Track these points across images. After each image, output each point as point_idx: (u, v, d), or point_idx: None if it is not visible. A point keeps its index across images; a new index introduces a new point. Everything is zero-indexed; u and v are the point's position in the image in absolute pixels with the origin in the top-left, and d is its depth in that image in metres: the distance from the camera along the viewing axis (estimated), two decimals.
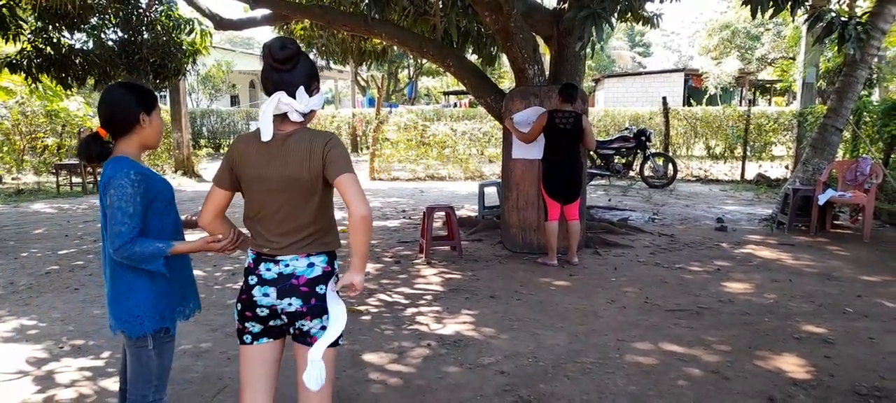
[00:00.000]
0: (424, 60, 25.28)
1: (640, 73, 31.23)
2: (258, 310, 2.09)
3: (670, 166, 12.36)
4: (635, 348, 3.91)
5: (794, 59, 21.50)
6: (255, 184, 2.07)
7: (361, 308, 4.76)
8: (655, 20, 8.73)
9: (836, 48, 10.28)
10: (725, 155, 16.08)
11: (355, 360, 3.75)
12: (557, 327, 4.30)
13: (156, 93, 2.22)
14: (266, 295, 2.07)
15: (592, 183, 12.22)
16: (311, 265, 2.08)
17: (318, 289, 2.08)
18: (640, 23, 8.90)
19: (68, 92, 11.00)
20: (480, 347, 3.94)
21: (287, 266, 2.06)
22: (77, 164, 11.86)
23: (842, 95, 7.91)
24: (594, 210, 8.69)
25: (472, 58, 9.04)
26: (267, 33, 47.90)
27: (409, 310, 4.70)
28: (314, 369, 2.02)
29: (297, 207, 2.05)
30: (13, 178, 13.70)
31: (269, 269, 2.07)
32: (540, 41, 7.56)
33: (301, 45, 10.26)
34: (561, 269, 5.88)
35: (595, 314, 4.59)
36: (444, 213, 6.61)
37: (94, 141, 2.22)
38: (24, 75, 8.01)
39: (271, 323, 2.12)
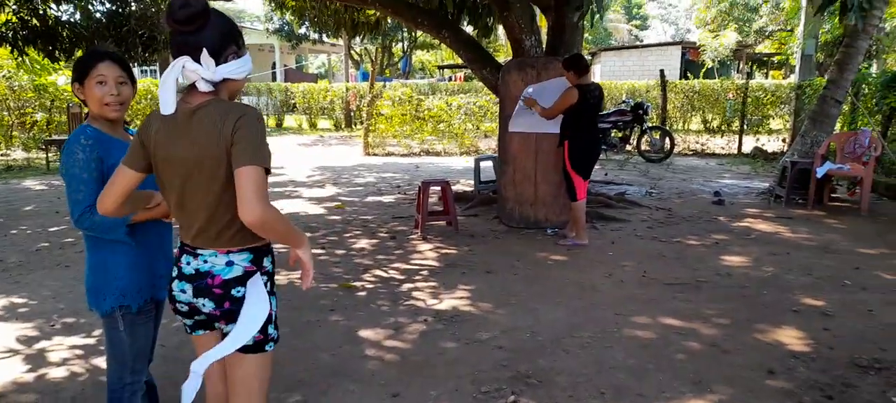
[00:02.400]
0: (419, 33, 25.02)
1: (636, 47, 31.03)
2: (178, 305, 1.86)
3: (667, 140, 12.29)
4: (634, 322, 3.87)
5: (792, 31, 21.33)
6: (161, 166, 1.78)
7: (357, 283, 4.71)
8: None
9: (837, 19, 10.17)
10: (722, 128, 16.01)
11: (351, 336, 3.71)
12: (555, 302, 4.26)
13: (98, 59, 2.08)
14: (183, 291, 1.82)
15: None
16: (230, 264, 1.78)
17: (234, 292, 1.78)
18: None
19: (56, 65, 10.81)
20: (478, 322, 3.90)
21: (205, 262, 1.78)
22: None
23: (842, 67, 7.83)
24: (591, 184, 8.62)
25: (468, 29, 8.90)
26: (258, 5, 47.22)
27: (405, 286, 4.65)
28: (190, 381, 1.82)
29: (209, 195, 1.72)
30: (2, 154, 13.53)
31: (188, 263, 1.81)
32: (537, 12, 7.43)
33: (292, 16, 10.12)
34: (558, 244, 5.83)
35: (593, 288, 4.55)
36: (439, 188, 6.54)
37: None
38: (9, 48, 7.84)
39: (197, 317, 1.88)
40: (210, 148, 1.67)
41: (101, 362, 3.37)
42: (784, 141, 13.49)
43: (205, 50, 1.69)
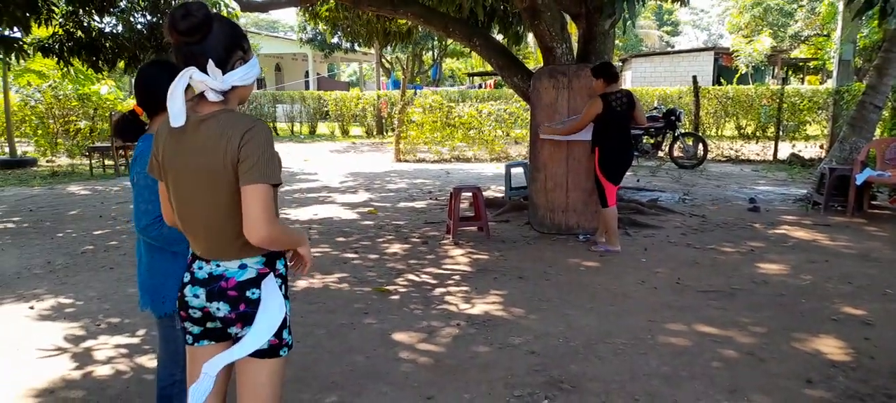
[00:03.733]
0: (449, 41, 25.14)
1: (668, 53, 30.69)
2: (191, 312, 1.82)
3: (700, 146, 12.13)
4: (667, 329, 3.85)
5: (828, 36, 20.88)
6: (169, 176, 1.78)
7: (390, 287, 4.77)
8: None
9: (875, 23, 9.94)
10: (757, 134, 15.73)
11: (385, 339, 3.76)
12: (587, 307, 4.26)
13: None
14: (196, 296, 1.79)
15: None
16: (243, 266, 1.77)
17: (249, 293, 1.76)
18: (671, 0, 8.71)
19: (99, 75, 11.17)
20: (510, 327, 3.93)
21: (218, 265, 1.77)
22: (109, 147, 12.07)
23: (881, 72, 7.66)
24: (623, 191, 8.57)
25: (498, 37, 8.94)
26: (292, 15, 48.02)
27: (438, 290, 4.70)
28: (201, 382, 1.79)
29: (216, 206, 1.71)
30: (47, 161, 14.01)
31: (200, 267, 1.79)
32: (567, 19, 7.44)
33: (325, 26, 10.29)
34: (590, 251, 5.81)
35: (625, 295, 4.53)
36: (470, 194, 6.58)
37: (130, 119, 2.24)
38: (56, 59, 8.14)
39: (209, 325, 1.84)
40: (216, 160, 1.65)
41: (144, 360, 3.48)
42: (822, 147, 13.20)
43: (210, 61, 1.67)
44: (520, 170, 8.02)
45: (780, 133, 13.69)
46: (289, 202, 8.72)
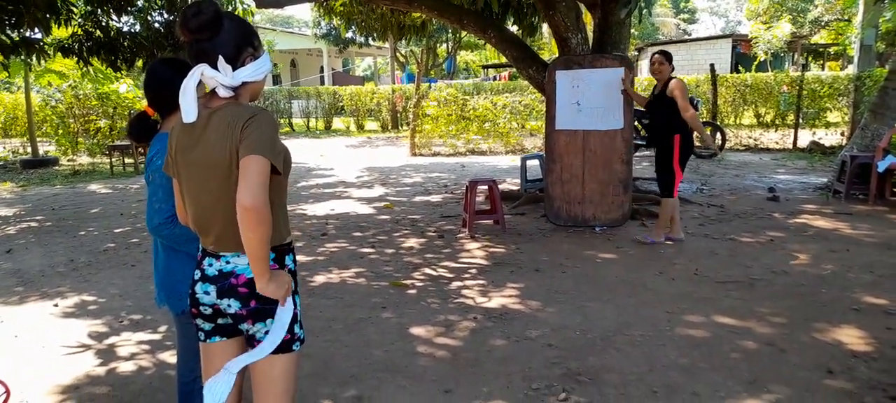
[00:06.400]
0: (464, 33, 25.07)
1: (685, 41, 30.34)
2: (202, 309, 1.84)
3: (718, 135, 11.99)
4: (686, 320, 3.83)
5: (849, 20, 20.49)
6: (181, 170, 1.80)
7: (407, 282, 4.79)
8: None
9: None
10: (776, 122, 15.51)
11: (403, 333, 3.78)
12: (605, 299, 4.25)
13: None
14: (207, 293, 1.80)
15: (637, 154, 11.97)
16: None
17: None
18: None
19: (118, 74, 11.30)
20: (527, 320, 3.93)
21: (228, 262, 1.77)
22: (129, 145, 12.22)
23: None
24: (639, 181, 8.52)
25: (513, 29, 8.91)
26: (306, 11, 48.17)
27: (455, 284, 4.71)
28: (221, 377, 1.82)
29: (225, 198, 1.71)
30: (68, 160, 14.23)
31: (210, 264, 1.80)
32: (582, 9, 7.38)
33: (339, 21, 10.30)
34: (607, 241, 5.79)
35: (643, 286, 4.51)
36: (486, 187, 6.57)
37: (141, 120, 2.25)
38: (75, 59, 8.25)
39: (220, 321, 1.85)
40: (223, 150, 1.68)
41: (166, 356, 3.54)
42: (842, 134, 13.00)
43: (221, 57, 1.71)
44: (535, 162, 7.99)
45: (800, 120, 13.50)
46: (305, 197, 8.78)
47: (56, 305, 4.51)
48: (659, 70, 5.48)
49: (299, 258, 5.34)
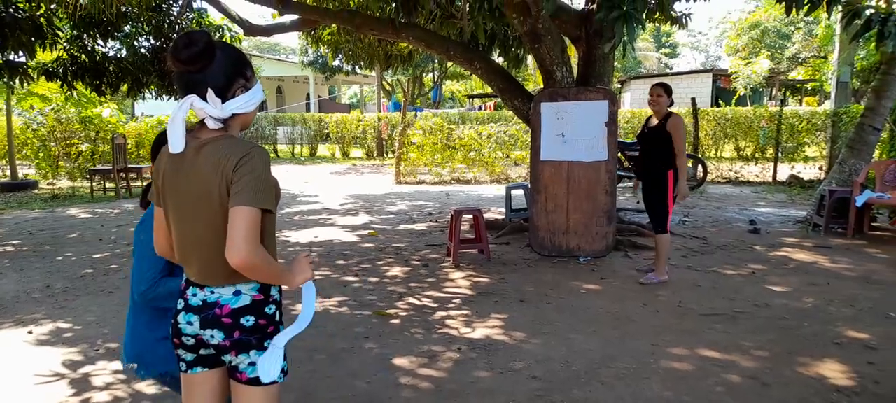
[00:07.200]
0: (450, 64, 25.32)
1: (667, 74, 30.89)
2: (184, 339, 1.81)
3: (700, 168, 12.15)
4: (670, 353, 3.83)
5: (825, 58, 21.01)
6: (168, 201, 1.77)
7: (391, 311, 4.75)
8: (684, 20, 8.60)
9: (873, 46, 10.01)
10: (756, 156, 15.77)
11: (386, 364, 3.74)
12: (589, 331, 4.24)
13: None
14: (190, 323, 1.78)
15: (620, 185, 12.07)
16: (237, 293, 1.75)
17: (243, 321, 1.75)
18: (669, 23, 8.78)
19: (102, 98, 11.25)
20: (511, 352, 3.90)
21: (212, 292, 1.76)
22: (110, 170, 12.09)
23: (879, 94, 7.71)
24: (623, 212, 8.58)
25: (499, 60, 9.01)
26: (293, 39, 48.45)
27: (439, 314, 4.68)
28: (270, 354, 1.79)
29: (212, 231, 1.70)
30: (48, 183, 14.03)
31: (194, 294, 1.78)
32: (567, 42, 7.50)
33: (327, 49, 10.37)
34: (591, 272, 5.80)
35: (628, 318, 4.51)
36: (471, 216, 6.58)
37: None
38: (59, 83, 8.20)
39: (202, 352, 1.83)
40: (212, 184, 1.66)
41: (143, 387, 3.46)
42: (821, 168, 13.23)
43: (210, 90, 1.68)
44: (520, 191, 8.03)
45: (779, 154, 13.74)
46: (289, 224, 8.72)
47: (30, 332, 4.40)
48: (657, 102, 5.30)
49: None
